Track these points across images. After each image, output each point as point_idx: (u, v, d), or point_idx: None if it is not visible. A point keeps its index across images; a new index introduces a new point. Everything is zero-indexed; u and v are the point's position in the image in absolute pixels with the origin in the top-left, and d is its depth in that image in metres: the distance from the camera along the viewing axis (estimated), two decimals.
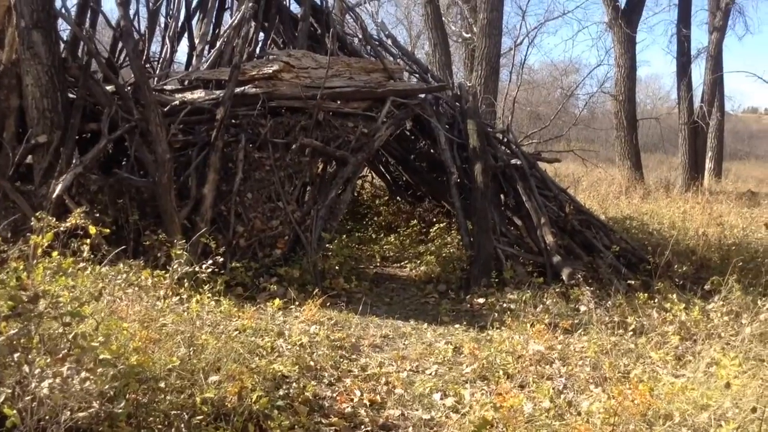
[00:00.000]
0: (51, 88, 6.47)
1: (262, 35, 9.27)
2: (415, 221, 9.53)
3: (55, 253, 4.10)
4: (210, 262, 4.35)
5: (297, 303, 5.78)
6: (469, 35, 17.44)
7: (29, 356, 2.48)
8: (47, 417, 2.40)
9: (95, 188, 6.44)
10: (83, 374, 2.30)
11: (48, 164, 6.41)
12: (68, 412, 2.36)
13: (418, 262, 7.94)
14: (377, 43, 9.63)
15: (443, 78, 11.60)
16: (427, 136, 8.84)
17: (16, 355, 2.34)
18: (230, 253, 6.51)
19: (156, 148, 6.31)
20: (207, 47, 8.86)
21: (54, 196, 6.13)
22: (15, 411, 2.33)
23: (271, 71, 7.66)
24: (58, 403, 2.31)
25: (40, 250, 3.80)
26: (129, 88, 7.12)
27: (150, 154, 6.47)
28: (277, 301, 5.56)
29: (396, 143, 9.19)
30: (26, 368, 2.33)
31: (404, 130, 8.88)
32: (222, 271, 5.61)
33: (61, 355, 2.41)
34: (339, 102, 7.83)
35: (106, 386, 2.48)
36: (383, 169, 11.42)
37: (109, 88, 7.03)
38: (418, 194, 10.67)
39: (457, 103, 9.02)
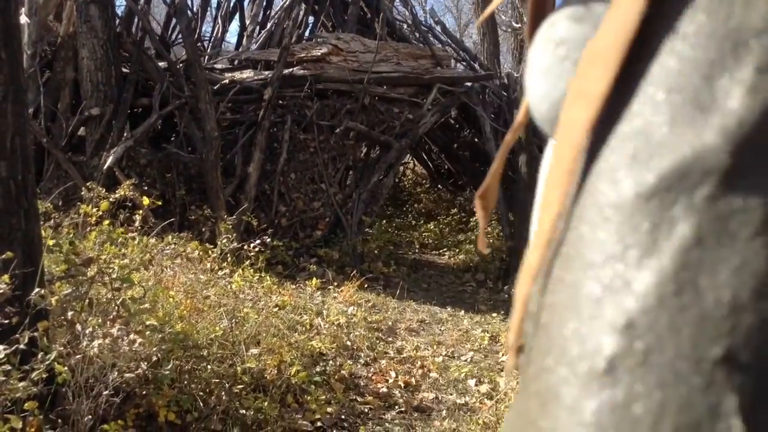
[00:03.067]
0: (105, 62, 6.63)
1: (312, 18, 9.33)
2: (456, 210, 9.51)
3: (106, 222, 4.22)
4: (258, 240, 4.43)
5: (335, 284, 5.83)
6: (519, 25, 17.25)
7: (81, 316, 2.58)
8: (96, 376, 2.49)
9: (144, 162, 6.59)
10: (132, 336, 2.38)
11: (100, 136, 6.58)
12: (116, 372, 2.44)
13: (457, 250, 7.93)
14: (426, 29, 9.58)
15: (491, 67, 11.49)
16: (471, 125, 8.80)
17: (69, 314, 2.43)
18: (272, 232, 6.60)
19: (204, 125, 6.41)
20: (257, 28, 8.95)
21: (105, 167, 6.29)
22: (66, 368, 2.41)
23: (319, 54, 7.70)
24: (107, 363, 2.39)
25: (93, 219, 3.91)
26: (181, 65, 7.24)
27: (198, 131, 6.58)
28: (315, 280, 5.62)
29: (440, 131, 9.17)
30: (78, 327, 2.42)
31: (449, 118, 8.84)
32: (264, 249, 5.70)
33: (111, 317, 2.49)
34: (385, 87, 7.83)
35: (154, 348, 2.56)
36: (426, 157, 11.41)
37: (162, 64, 7.16)
38: (459, 183, 10.63)
39: (504, 93, 8.93)
